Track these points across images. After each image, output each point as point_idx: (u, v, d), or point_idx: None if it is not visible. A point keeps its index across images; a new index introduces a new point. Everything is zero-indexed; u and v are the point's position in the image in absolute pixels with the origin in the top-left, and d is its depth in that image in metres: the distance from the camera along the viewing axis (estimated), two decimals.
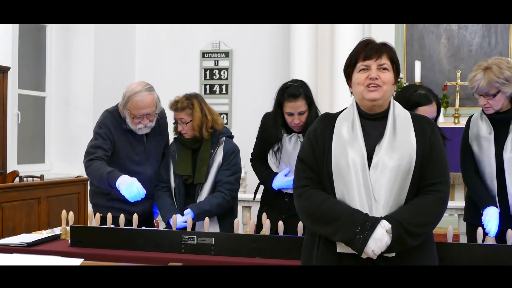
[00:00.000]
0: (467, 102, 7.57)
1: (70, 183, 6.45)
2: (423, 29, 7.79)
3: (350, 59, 2.61)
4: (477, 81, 3.51)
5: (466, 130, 3.76)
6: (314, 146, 2.59)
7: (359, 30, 7.11)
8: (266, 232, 3.41)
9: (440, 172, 2.52)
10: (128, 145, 4.05)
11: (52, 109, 7.67)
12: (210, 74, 8.46)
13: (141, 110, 3.91)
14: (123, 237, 3.41)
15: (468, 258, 2.94)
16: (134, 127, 3.98)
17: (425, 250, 2.54)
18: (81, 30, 7.53)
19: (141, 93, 3.91)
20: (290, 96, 3.71)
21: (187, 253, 3.30)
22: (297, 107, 3.72)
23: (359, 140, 2.51)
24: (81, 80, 7.55)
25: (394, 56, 2.59)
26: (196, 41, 8.46)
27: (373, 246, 2.38)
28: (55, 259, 2.80)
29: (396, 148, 2.48)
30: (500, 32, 7.51)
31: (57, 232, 3.76)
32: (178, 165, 3.97)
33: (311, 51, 7.48)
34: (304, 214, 2.57)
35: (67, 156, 7.54)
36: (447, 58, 7.73)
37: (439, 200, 2.50)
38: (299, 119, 3.74)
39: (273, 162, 3.93)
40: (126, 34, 8.36)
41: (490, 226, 3.47)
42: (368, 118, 2.58)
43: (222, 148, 3.97)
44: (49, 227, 4.53)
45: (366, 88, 2.52)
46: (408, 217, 2.41)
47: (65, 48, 7.64)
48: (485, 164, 3.64)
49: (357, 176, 2.45)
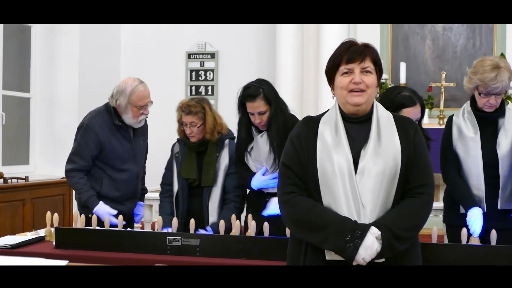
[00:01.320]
0: (452, 103, 7.60)
1: (55, 185, 6.42)
2: (408, 30, 7.82)
3: (332, 61, 2.56)
4: (502, 81, 3.51)
5: (447, 131, 3.77)
6: (298, 151, 2.55)
7: (344, 31, 7.12)
8: (252, 233, 3.41)
9: (425, 175, 2.50)
10: (117, 142, 4.12)
11: (37, 110, 7.63)
12: (196, 75, 8.44)
13: (146, 99, 4.07)
14: (108, 239, 3.40)
15: (452, 258, 2.96)
16: (135, 120, 4.10)
17: (410, 251, 2.52)
18: (66, 30, 7.49)
19: (141, 84, 4.09)
20: (249, 97, 3.74)
21: (173, 254, 3.30)
22: (255, 107, 3.74)
23: (343, 144, 2.48)
24: (66, 81, 7.51)
25: (377, 58, 2.56)
26: (181, 42, 8.45)
27: (363, 254, 2.35)
28: (39, 261, 2.79)
29: (381, 153, 2.45)
30: (485, 33, 7.55)
31: (41, 233, 3.75)
32: (183, 168, 4.05)
33: (297, 51, 7.48)
34: (291, 222, 2.53)
35: (52, 158, 7.50)
36: (432, 60, 7.76)
37: (425, 203, 2.48)
38: (260, 119, 3.76)
39: (251, 163, 3.94)
40: (111, 34, 8.33)
41: (474, 227, 3.48)
42: (351, 121, 2.55)
43: (227, 150, 4.05)
44: (33, 229, 4.50)
45: (350, 93, 2.49)
46: (396, 222, 2.39)
47: (50, 49, 7.59)
48: (470, 165, 3.65)
49: (344, 182, 2.42)
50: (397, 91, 3.56)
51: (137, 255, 3.30)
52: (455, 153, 3.70)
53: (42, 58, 7.61)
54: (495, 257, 2.93)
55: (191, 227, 3.47)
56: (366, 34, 7.23)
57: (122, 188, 4.13)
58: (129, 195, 4.15)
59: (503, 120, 3.64)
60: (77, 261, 3.02)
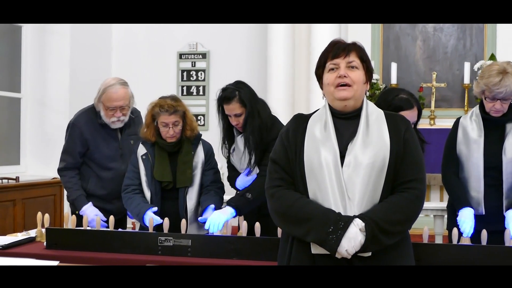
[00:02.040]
0: (443, 103, 7.63)
1: (46, 185, 6.40)
2: (399, 31, 7.84)
3: (320, 60, 2.61)
4: (506, 86, 3.53)
5: (453, 132, 3.80)
6: (286, 146, 2.57)
7: (335, 31, 7.13)
8: (243, 233, 3.41)
9: (415, 170, 2.50)
10: (102, 141, 4.17)
11: (28, 110, 7.60)
12: (187, 76, 8.43)
13: (114, 102, 4.04)
14: (99, 239, 3.40)
15: (443, 258, 2.97)
16: (108, 120, 4.11)
17: (402, 250, 2.52)
18: (57, 30, 7.46)
19: (115, 86, 4.07)
20: (225, 99, 3.80)
21: (164, 255, 3.30)
22: (231, 109, 3.79)
23: (331, 139, 2.49)
24: (57, 81, 7.48)
25: (364, 55, 2.58)
26: (173, 42, 8.44)
27: (346, 246, 2.35)
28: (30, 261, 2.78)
29: (369, 146, 2.46)
30: (475, 34, 7.57)
31: (32, 234, 3.74)
32: (156, 171, 3.85)
33: (288, 52, 7.49)
34: (276, 215, 2.54)
35: (43, 158, 7.47)
36: (423, 60, 7.79)
37: (415, 198, 2.47)
38: (237, 121, 3.81)
39: (235, 163, 3.99)
40: (102, 34, 8.30)
41: (464, 227, 3.52)
42: (341, 117, 2.56)
43: (201, 148, 3.95)
44: (24, 230, 4.50)
45: (336, 88, 2.51)
46: (382, 215, 2.39)
47: (41, 49, 7.56)
48: (471, 166, 3.68)
49: (330, 175, 2.43)
50: (395, 94, 3.57)
51: (129, 256, 3.29)
52: (458, 154, 3.73)
53: (33, 58, 7.58)
54: (486, 257, 2.94)
55: (182, 227, 3.47)
56: (357, 34, 7.25)
57: (109, 186, 4.16)
58: (116, 194, 4.06)
59: (511, 125, 3.66)
60: (68, 261, 3.01)
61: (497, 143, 3.65)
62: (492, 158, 3.63)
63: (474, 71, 7.24)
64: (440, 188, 7.09)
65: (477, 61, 7.39)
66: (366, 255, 2.41)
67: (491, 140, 3.66)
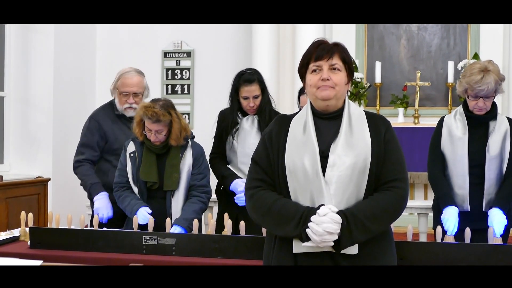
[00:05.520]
0: (427, 102, 7.66)
1: (30, 184, 6.37)
2: (384, 30, 7.86)
3: (303, 60, 2.65)
4: (487, 83, 3.58)
5: (438, 130, 3.84)
6: (268, 148, 2.60)
7: (320, 30, 7.14)
8: (228, 232, 3.42)
9: (397, 170, 2.53)
10: (119, 131, 4.29)
11: (11, 109, 7.54)
12: (172, 74, 8.41)
13: (128, 87, 4.24)
14: (83, 239, 3.39)
15: (427, 256, 2.99)
16: (121, 107, 4.27)
17: (385, 248, 2.55)
18: (41, 29, 7.42)
19: (130, 72, 4.31)
20: (246, 81, 4.06)
21: (149, 254, 3.30)
22: (251, 91, 4.06)
23: (312, 139, 2.51)
24: (41, 80, 7.43)
25: (346, 56, 2.61)
26: (157, 41, 8.41)
27: (315, 228, 2.35)
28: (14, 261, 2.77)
29: (352, 146, 2.48)
30: (459, 33, 7.61)
31: (16, 233, 3.72)
32: (142, 170, 3.83)
33: (273, 51, 7.49)
34: (255, 215, 2.58)
35: (27, 157, 7.42)
36: (407, 59, 7.81)
37: (398, 197, 2.50)
38: (253, 103, 4.07)
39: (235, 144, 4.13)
40: (86, 33, 8.26)
41: (448, 225, 3.55)
42: (323, 117, 2.59)
43: (190, 151, 3.93)
44: (8, 229, 4.47)
45: (318, 89, 2.55)
46: (359, 209, 2.42)
47: (24, 47, 7.51)
48: (456, 164, 3.72)
49: (310, 177, 2.45)
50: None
51: (113, 255, 3.29)
52: (443, 152, 3.77)
53: (16, 57, 7.53)
54: (469, 255, 2.96)
55: (167, 226, 3.47)
56: (341, 34, 7.28)
57: None
58: None
59: (495, 123, 3.71)
60: (52, 261, 3.00)
61: (481, 141, 3.70)
62: (476, 155, 3.68)
63: (457, 70, 7.27)
64: (424, 186, 7.11)
65: (460, 60, 7.42)
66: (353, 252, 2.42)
67: (475, 138, 3.71)
